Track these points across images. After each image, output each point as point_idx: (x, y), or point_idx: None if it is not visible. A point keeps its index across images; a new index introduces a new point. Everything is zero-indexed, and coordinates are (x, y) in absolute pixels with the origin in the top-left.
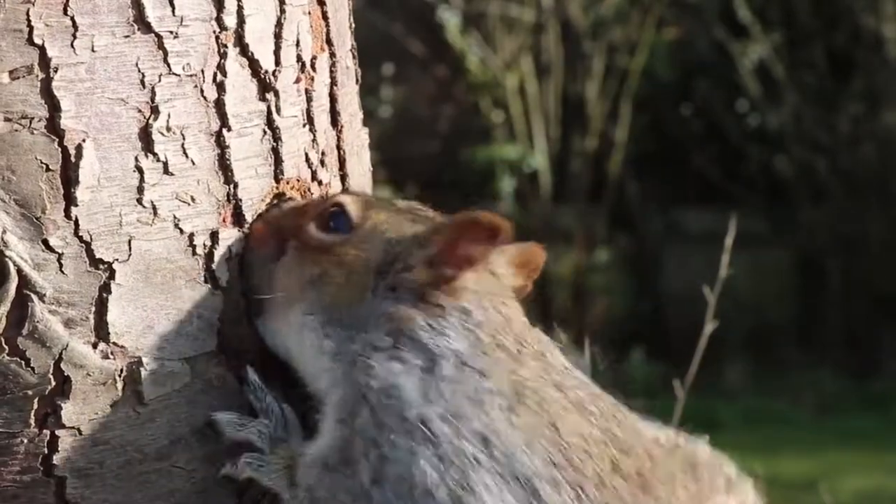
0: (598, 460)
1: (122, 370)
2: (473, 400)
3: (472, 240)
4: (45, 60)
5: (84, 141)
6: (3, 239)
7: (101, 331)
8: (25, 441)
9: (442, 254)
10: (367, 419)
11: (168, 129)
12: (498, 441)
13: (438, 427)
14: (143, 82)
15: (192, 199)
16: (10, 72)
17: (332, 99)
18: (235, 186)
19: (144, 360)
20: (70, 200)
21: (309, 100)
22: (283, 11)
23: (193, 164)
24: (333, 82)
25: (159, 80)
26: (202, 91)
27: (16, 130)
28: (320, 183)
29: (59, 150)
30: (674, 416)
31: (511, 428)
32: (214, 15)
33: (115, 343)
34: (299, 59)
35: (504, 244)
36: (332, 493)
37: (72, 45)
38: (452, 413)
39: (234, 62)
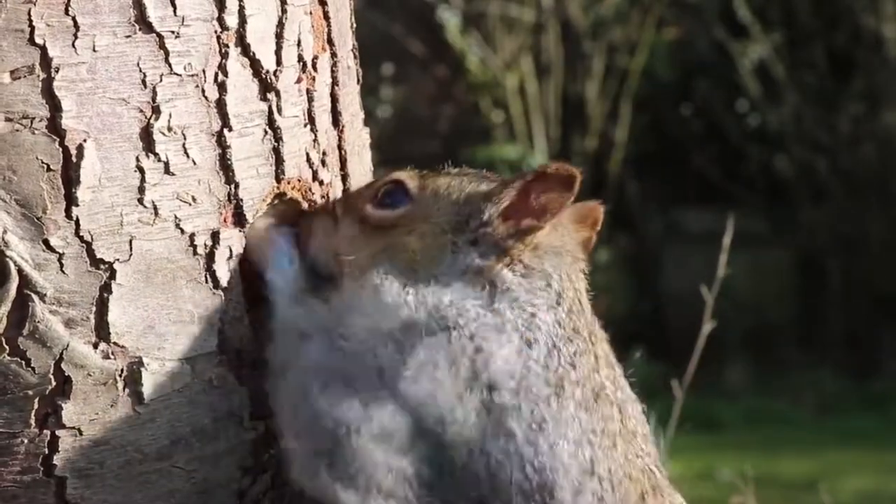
0: (631, 486)
1: (122, 370)
2: (554, 386)
3: (546, 190)
4: (46, 60)
5: (85, 141)
6: (3, 239)
7: (102, 331)
8: (26, 441)
9: (517, 206)
10: (439, 343)
11: (169, 129)
12: (551, 430)
13: (502, 397)
14: (144, 82)
15: (193, 199)
16: (12, 72)
17: (334, 99)
18: (236, 186)
19: (145, 360)
20: (71, 200)
21: (310, 100)
22: (284, 11)
23: (194, 164)
24: (335, 82)
25: (161, 80)
26: (203, 91)
27: (17, 130)
28: (321, 183)
29: (60, 150)
30: (673, 415)
31: (572, 421)
32: (216, 15)
33: (115, 343)
34: (301, 59)
35: (576, 191)
36: (361, 343)
37: (73, 45)
38: (525, 392)
39: (236, 62)
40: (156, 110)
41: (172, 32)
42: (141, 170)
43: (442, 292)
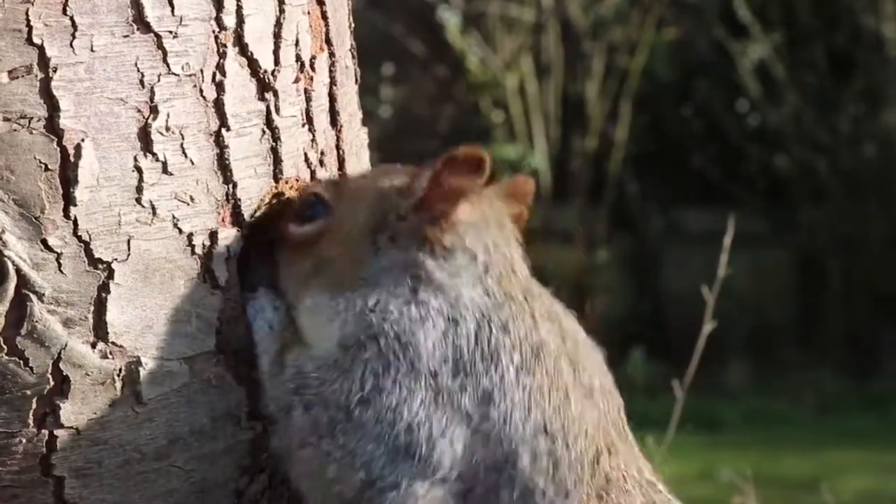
0: (587, 444)
1: (120, 370)
2: (489, 357)
3: (455, 176)
4: (44, 60)
5: (83, 141)
6: (1, 238)
7: (100, 330)
8: (24, 441)
9: (430, 195)
10: (374, 354)
11: (167, 128)
12: (500, 400)
13: (446, 381)
14: (142, 82)
15: (191, 198)
16: (10, 71)
17: (332, 99)
18: (234, 186)
19: (143, 359)
20: (69, 200)
21: (308, 99)
22: (282, 11)
23: (192, 163)
24: (333, 82)
25: (158, 80)
26: (201, 91)
27: (15, 130)
28: None
29: (58, 149)
30: (673, 415)
31: (518, 389)
32: (214, 15)
33: (113, 343)
34: (298, 58)
35: (486, 173)
36: (322, 389)
37: (71, 45)
38: (464, 369)
39: (234, 62)
40: (154, 110)
41: (170, 32)
42: (139, 169)
43: (368, 294)
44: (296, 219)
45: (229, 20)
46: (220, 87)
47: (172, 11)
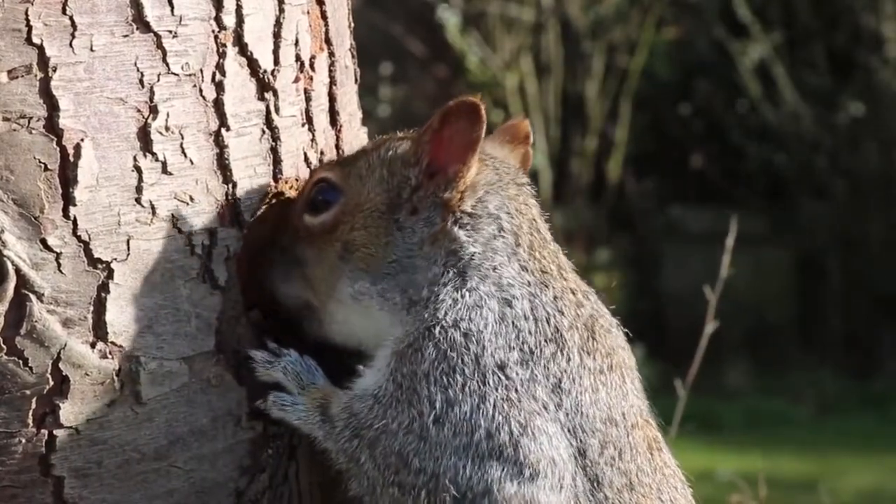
0: (643, 431)
1: (120, 370)
2: (553, 340)
3: (456, 130)
4: (43, 60)
5: (83, 140)
6: (1, 238)
7: (100, 330)
8: (23, 441)
9: (437, 156)
10: (433, 360)
11: (167, 128)
12: (571, 387)
13: (515, 373)
14: (141, 82)
15: (191, 198)
16: (9, 71)
17: (331, 98)
18: (234, 186)
19: (143, 359)
20: (68, 200)
21: (308, 99)
22: (281, 11)
23: (192, 163)
24: (332, 82)
25: (158, 80)
26: (201, 90)
27: (14, 130)
28: None
29: (58, 149)
30: (674, 415)
31: (584, 372)
32: (213, 14)
33: (113, 342)
34: (298, 58)
35: (484, 119)
36: (385, 423)
37: (70, 45)
38: (532, 356)
39: (233, 62)
40: (153, 110)
41: (170, 32)
42: (138, 169)
43: (410, 280)
44: (309, 209)
45: (229, 20)
46: (219, 87)
47: (172, 11)
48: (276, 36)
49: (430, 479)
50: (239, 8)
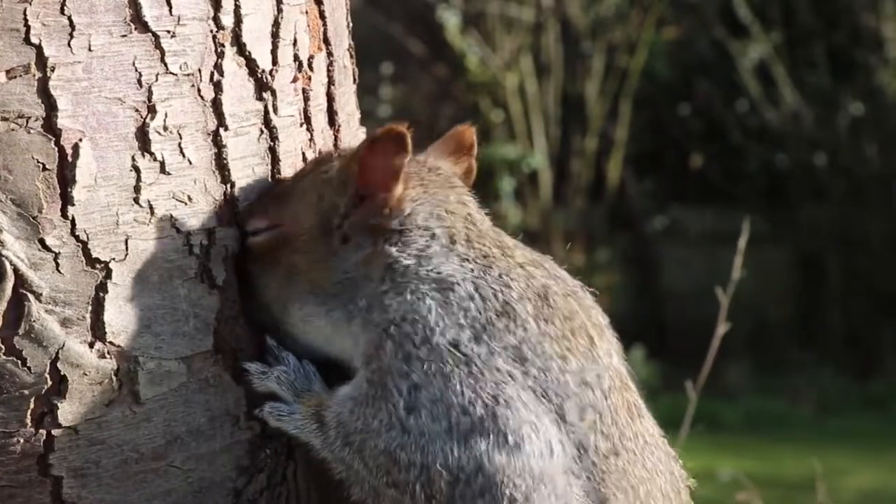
0: (621, 395)
1: (118, 369)
2: (504, 313)
3: (382, 157)
4: (41, 59)
5: (81, 140)
6: None
7: (98, 330)
8: (22, 441)
9: (364, 185)
10: (392, 352)
11: (165, 128)
12: (534, 356)
13: (470, 349)
14: (140, 81)
15: (189, 198)
16: (7, 71)
17: (330, 98)
18: (232, 186)
19: (141, 359)
20: (67, 200)
21: (306, 99)
22: (280, 11)
23: (190, 163)
24: (331, 82)
25: (156, 80)
26: (199, 90)
27: (13, 130)
28: None
29: (56, 149)
30: (678, 415)
31: (545, 339)
32: (211, 14)
33: (111, 342)
34: (296, 58)
35: (408, 146)
36: (366, 423)
37: (69, 45)
38: (484, 330)
39: (232, 61)
40: (151, 110)
41: (168, 32)
42: (137, 169)
43: (354, 295)
44: (249, 228)
45: (227, 20)
46: (217, 87)
47: (170, 11)
48: (275, 36)
49: (420, 472)
50: (237, 8)
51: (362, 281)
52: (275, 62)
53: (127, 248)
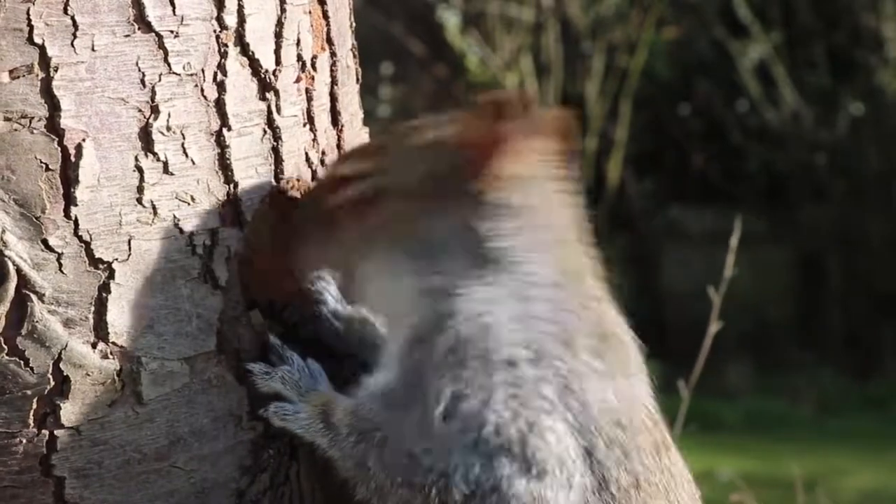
0: (650, 435)
1: (121, 370)
2: (565, 342)
3: (500, 123)
4: (45, 60)
5: (84, 140)
6: (2, 238)
7: (101, 331)
8: (24, 441)
9: (478, 148)
10: (444, 351)
11: (168, 128)
12: (579, 389)
13: (524, 371)
14: (143, 82)
15: (192, 198)
16: (11, 71)
17: (333, 98)
18: (235, 186)
19: (144, 359)
20: (70, 200)
21: (309, 99)
22: (283, 11)
23: (193, 163)
24: (334, 81)
25: (159, 80)
26: (202, 90)
27: (16, 130)
28: None
29: (59, 149)
30: (675, 415)
31: (593, 375)
32: (215, 14)
33: (114, 343)
34: (300, 58)
35: (526, 116)
36: (394, 421)
37: (72, 45)
38: (541, 356)
39: (235, 61)
40: (155, 110)
41: (171, 32)
42: (140, 169)
43: (439, 263)
44: (346, 180)
45: (230, 19)
46: (221, 87)
47: (174, 11)
48: (278, 36)
49: (439, 478)
50: (241, 8)
51: (452, 249)
52: (278, 62)
53: (130, 249)
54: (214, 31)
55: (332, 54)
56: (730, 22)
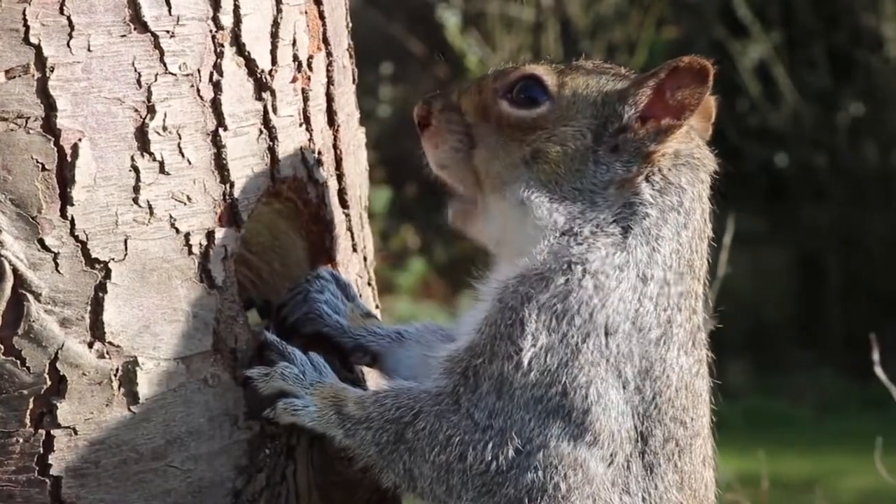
0: (705, 445)
1: (117, 370)
2: (662, 329)
3: (680, 85)
4: (41, 60)
5: (80, 140)
6: None
7: (97, 330)
8: (21, 441)
9: (654, 105)
10: (551, 297)
11: (164, 128)
12: (658, 377)
13: (615, 344)
14: (139, 82)
15: (188, 198)
16: (7, 71)
17: (329, 98)
18: (231, 186)
19: (140, 359)
20: (66, 200)
21: (305, 99)
22: (279, 11)
23: (189, 163)
24: (330, 81)
25: (155, 80)
26: (198, 90)
27: (12, 130)
28: (317, 182)
29: (55, 149)
30: None
31: (676, 368)
32: (211, 14)
33: (110, 342)
34: (296, 58)
35: (711, 85)
36: (431, 399)
37: (68, 45)
38: (637, 332)
39: (231, 61)
40: (151, 110)
41: (167, 32)
42: (136, 169)
43: (583, 210)
44: (510, 99)
45: (226, 20)
46: (217, 87)
47: (169, 11)
48: (274, 36)
49: (496, 434)
50: (236, 8)
51: (601, 201)
52: (274, 62)
53: (126, 249)
54: (210, 32)
55: (329, 54)
56: (730, 22)
